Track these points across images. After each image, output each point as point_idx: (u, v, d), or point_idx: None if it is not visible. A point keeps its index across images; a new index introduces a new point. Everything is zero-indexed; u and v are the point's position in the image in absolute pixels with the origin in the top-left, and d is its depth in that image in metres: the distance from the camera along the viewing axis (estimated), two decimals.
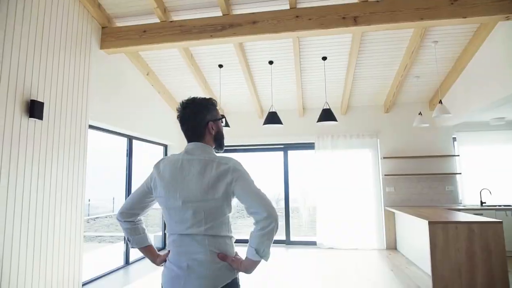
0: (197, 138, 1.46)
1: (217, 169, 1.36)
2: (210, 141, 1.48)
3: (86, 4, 3.92)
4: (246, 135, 6.69)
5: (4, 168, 2.89)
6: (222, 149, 1.56)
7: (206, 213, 1.34)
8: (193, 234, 1.35)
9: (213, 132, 1.48)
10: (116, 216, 1.54)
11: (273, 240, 1.33)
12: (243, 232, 11.21)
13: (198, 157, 1.40)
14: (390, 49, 4.76)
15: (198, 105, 1.46)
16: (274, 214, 1.30)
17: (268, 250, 1.33)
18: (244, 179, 1.36)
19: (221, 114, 1.57)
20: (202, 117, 1.45)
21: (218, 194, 1.33)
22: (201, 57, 5.11)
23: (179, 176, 1.38)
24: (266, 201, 1.32)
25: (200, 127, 1.45)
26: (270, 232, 1.30)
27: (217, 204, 1.34)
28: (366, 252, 5.85)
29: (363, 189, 6.22)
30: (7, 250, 2.89)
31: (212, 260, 1.33)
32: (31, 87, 3.21)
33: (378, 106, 6.36)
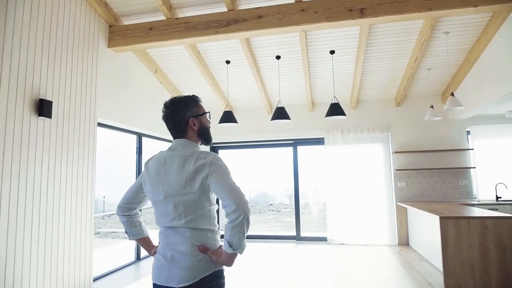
0: (180, 135, 1.52)
1: (195, 164, 1.40)
2: (194, 137, 1.53)
3: (93, 3, 3.96)
4: (255, 131, 6.67)
5: (14, 166, 2.96)
6: (209, 143, 1.61)
7: (185, 206, 1.40)
8: (175, 226, 1.41)
9: (195, 128, 1.53)
10: (116, 211, 1.64)
11: (246, 233, 1.35)
12: (254, 227, 11.25)
13: (179, 152, 1.46)
14: (399, 41, 4.66)
15: (177, 104, 1.52)
16: (243, 207, 1.31)
17: (240, 243, 1.34)
18: (219, 173, 1.39)
19: (206, 110, 1.59)
20: (182, 115, 1.50)
21: (195, 187, 1.38)
22: (208, 53, 5.11)
23: (162, 172, 1.45)
24: (236, 194, 1.34)
25: (181, 124, 1.51)
26: (239, 224, 1.31)
27: (194, 197, 1.39)
28: (377, 248, 5.78)
29: (374, 184, 6.13)
30: (19, 247, 2.97)
31: (193, 252, 1.39)
32: (39, 86, 3.27)
33: (389, 99, 6.25)
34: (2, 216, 2.83)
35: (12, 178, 2.94)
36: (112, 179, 6.77)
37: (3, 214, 2.84)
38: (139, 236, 1.64)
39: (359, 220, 6.09)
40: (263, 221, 12.11)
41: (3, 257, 2.82)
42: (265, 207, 16.25)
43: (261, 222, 11.88)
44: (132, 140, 5.38)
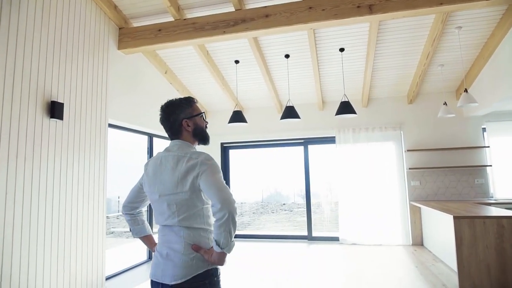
0: (176, 136, 1.57)
1: (187, 164, 1.44)
2: (189, 138, 1.58)
3: (102, 6, 4.02)
4: (265, 131, 6.66)
5: (27, 167, 3.03)
6: (206, 142, 1.64)
7: (178, 205, 1.44)
8: (170, 225, 1.46)
9: (190, 128, 1.57)
10: (121, 210, 1.72)
11: (233, 232, 1.36)
12: (266, 227, 11.24)
13: (173, 153, 1.51)
14: (410, 37, 4.57)
15: (171, 106, 1.58)
16: (227, 206, 1.33)
17: (226, 241, 1.36)
18: (209, 173, 1.41)
19: (201, 111, 1.63)
20: (175, 117, 1.56)
21: (186, 187, 1.42)
22: (217, 53, 5.12)
23: (158, 172, 1.51)
24: (222, 193, 1.35)
25: (175, 125, 1.56)
26: (225, 223, 1.33)
27: (186, 196, 1.42)
28: (390, 248, 5.68)
29: (386, 183, 6.04)
30: (32, 246, 3.03)
31: (186, 251, 1.42)
32: (51, 88, 3.33)
33: (401, 97, 6.14)
34: (15, 215, 2.90)
35: (26, 179, 3.01)
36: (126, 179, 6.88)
37: (16, 214, 2.91)
38: (141, 234, 1.70)
39: (372, 220, 6.01)
40: (275, 220, 12.08)
41: (17, 257, 2.88)
42: (278, 207, 16.21)
43: (274, 222, 11.86)
44: (144, 141, 5.45)
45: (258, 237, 6.87)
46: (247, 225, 11.59)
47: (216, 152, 6.93)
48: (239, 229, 10.82)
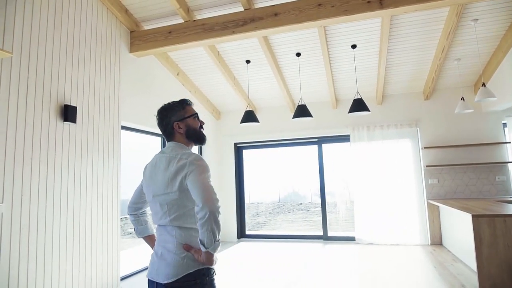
0: (170, 138, 1.63)
1: (177, 164, 1.47)
2: (182, 139, 1.62)
3: (114, 10, 4.08)
4: (279, 130, 6.63)
5: (42, 170, 3.11)
6: (202, 143, 1.67)
7: (168, 205, 1.47)
8: (164, 225, 1.50)
9: (182, 130, 1.61)
10: (127, 211, 1.79)
11: (216, 232, 1.36)
12: (282, 227, 11.19)
13: (167, 154, 1.56)
14: (424, 32, 4.45)
15: (164, 110, 1.63)
16: (209, 204, 1.34)
17: (210, 241, 1.36)
18: (196, 173, 1.43)
19: (192, 112, 1.66)
20: (167, 120, 1.61)
21: (175, 187, 1.45)
22: (228, 54, 5.13)
23: (153, 173, 1.56)
24: (205, 192, 1.37)
25: (168, 128, 1.61)
26: (206, 222, 1.34)
27: (175, 196, 1.45)
28: (408, 248, 5.55)
29: (403, 182, 5.90)
30: (48, 247, 3.11)
31: (178, 250, 1.44)
32: (64, 92, 3.41)
33: (417, 93, 6.00)
34: (31, 217, 2.98)
35: (40, 181, 3.09)
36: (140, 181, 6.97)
37: (32, 216, 2.99)
38: (144, 234, 1.76)
39: (389, 219, 5.89)
40: (292, 220, 12.02)
41: (33, 258, 2.96)
42: (294, 207, 16.13)
43: (290, 222, 11.79)
44: (157, 142, 5.51)
45: (273, 237, 6.84)
46: (262, 225, 11.58)
47: (229, 152, 6.95)
48: (255, 229, 10.82)
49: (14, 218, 2.86)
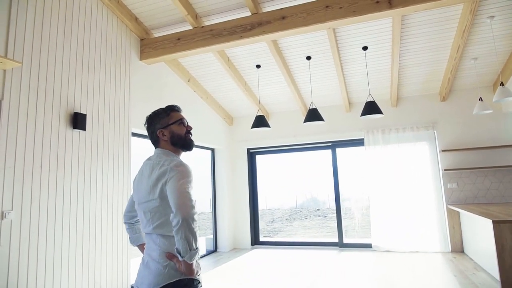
0: (156, 145, 1.63)
1: (158, 171, 1.45)
2: (167, 146, 1.60)
3: (123, 19, 4.13)
4: (292, 135, 6.55)
5: (51, 178, 3.14)
6: (188, 149, 1.65)
7: (151, 213, 1.44)
8: (149, 233, 1.48)
9: (166, 138, 1.59)
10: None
11: (192, 240, 1.30)
12: (298, 234, 11.03)
13: (151, 161, 1.55)
14: (437, 31, 4.31)
15: (150, 118, 1.65)
16: (181, 211, 1.29)
17: (185, 250, 1.30)
18: (175, 179, 1.38)
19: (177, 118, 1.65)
20: (152, 128, 1.62)
21: (156, 194, 1.42)
22: (238, 59, 5.11)
23: (139, 181, 1.56)
24: (179, 199, 1.32)
25: (153, 136, 1.62)
26: (180, 230, 1.28)
27: (156, 204, 1.42)
28: (427, 255, 5.34)
29: (421, 186, 5.70)
30: (57, 255, 3.13)
31: (161, 259, 1.41)
32: (74, 100, 3.46)
33: (433, 94, 5.81)
34: (40, 225, 3.01)
35: (50, 189, 3.12)
36: None
37: (41, 223, 3.02)
38: (138, 242, 1.74)
39: (407, 225, 5.69)
40: (308, 227, 11.84)
41: (42, 265, 2.98)
42: (312, 213, 15.91)
43: (306, 228, 11.62)
44: None
45: (287, 244, 6.73)
46: (278, 231, 11.45)
47: (242, 158, 6.91)
48: (270, 236, 10.70)
49: (24, 225, 2.89)
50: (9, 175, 2.82)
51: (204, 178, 6.73)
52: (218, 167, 6.73)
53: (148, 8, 4.09)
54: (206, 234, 7.05)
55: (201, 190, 6.71)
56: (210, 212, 6.77)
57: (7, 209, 2.78)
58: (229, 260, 5.68)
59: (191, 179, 1.42)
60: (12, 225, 2.81)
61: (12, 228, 2.81)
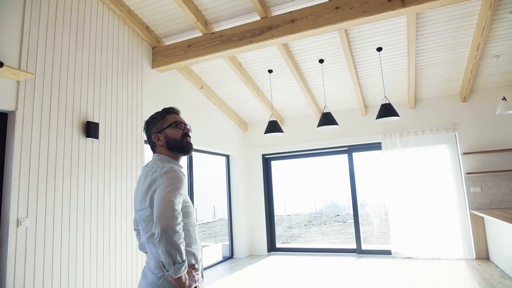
0: (153, 150, 1.59)
1: (150, 178, 1.40)
2: (163, 151, 1.54)
3: (135, 28, 4.19)
4: (307, 140, 6.45)
5: (65, 186, 3.19)
6: (184, 153, 1.59)
7: (145, 222, 1.40)
8: (146, 242, 1.45)
9: (161, 142, 1.54)
10: None
11: (174, 252, 1.23)
12: (317, 240, 10.84)
13: (147, 167, 1.50)
14: (455, 29, 4.15)
15: (146, 123, 1.60)
16: (161, 222, 1.23)
17: (169, 263, 1.23)
18: (162, 187, 1.32)
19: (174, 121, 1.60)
20: (149, 134, 1.58)
21: (147, 203, 1.37)
22: (249, 64, 5.09)
23: (137, 188, 1.52)
24: (161, 209, 1.26)
25: (150, 141, 1.58)
26: (160, 243, 1.23)
27: (148, 212, 1.37)
28: (450, 262, 5.11)
29: (442, 191, 5.48)
30: (72, 261, 3.16)
31: (155, 269, 1.36)
32: (86, 109, 3.51)
33: (453, 95, 5.60)
34: (55, 232, 3.05)
35: (64, 197, 3.17)
36: None
37: (56, 230, 3.06)
38: (146, 250, 1.67)
39: (428, 231, 5.47)
40: (327, 233, 11.63)
41: (57, 272, 3.02)
42: (331, 218, 15.66)
43: (325, 234, 11.42)
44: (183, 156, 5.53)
45: (304, 251, 6.60)
46: (296, 237, 11.30)
47: (257, 164, 6.86)
48: (287, 242, 10.57)
49: (39, 232, 2.94)
50: (24, 183, 2.87)
51: (220, 184, 6.72)
52: (233, 173, 6.70)
53: (159, 16, 4.14)
54: (222, 240, 7.02)
55: (217, 197, 6.69)
56: (226, 219, 6.74)
57: (22, 217, 2.84)
58: (245, 266, 5.62)
59: (180, 186, 1.35)
60: (27, 232, 2.86)
61: (27, 235, 2.86)
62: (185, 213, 1.44)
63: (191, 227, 1.47)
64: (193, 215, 1.51)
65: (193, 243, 1.45)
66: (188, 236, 1.43)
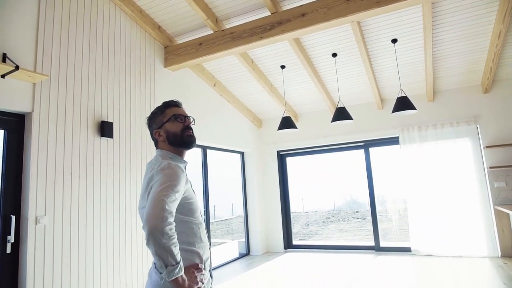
0: (156, 147, 1.56)
1: (149, 175, 1.38)
2: (165, 146, 1.51)
3: (147, 28, 4.23)
4: (322, 135, 6.37)
5: (81, 184, 3.26)
6: (186, 147, 1.53)
7: None
8: None
9: (162, 138, 1.51)
10: None
11: (163, 254, 1.18)
12: (335, 237, 10.72)
13: (149, 164, 1.48)
14: (473, 17, 3.98)
15: (148, 120, 1.58)
16: (148, 223, 1.18)
17: (160, 266, 1.19)
18: (157, 185, 1.28)
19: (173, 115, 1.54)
20: (151, 130, 1.56)
21: (146, 201, 1.33)
22: (261, 61, 5.06)
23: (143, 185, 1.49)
24: (150, 208, 1.21)
25: (152, 138, 1.56)
26: (149, 244, 1.18)
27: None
28: (473, 260, 4.94)
29: (463, 186, 5.29)
30: (89, 258, 3.24)
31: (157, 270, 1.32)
32: (101, 109, 3.58)
33: (474, 86, 5.39)
34: (72, 229, 3.13)
35: (80, 195, 3.25)
36: None
37: (73, 228, 3.13)
38: None
39: (449, 228, 5.30)
40: (346, 229, 11.49)
41: (75, 267, 3.09)
42: (350, 215, 15.45)
43: (344, 231, 11.28)
44: (198, 154, 5.58)
45: (321, 248, 6.53)
46: (314, 234, 11.22)
47: (272, 161, 6.83)
48: (305, 239, 10.51)
49: (56, 229, 3.02)
50: (41, 182, 2.96)
51: (237, 181, 6.73)
52: (248, 170, 6.70)
53: (170, 15, 4.16)
54: (239, 237, 7.04)
55: (234, 194, 6.71)
56: (242, 216, 6.75)
57: (40, 215, 2.92)
58: (261, 263, 5.61)
59: (176, 183, 1.30)
60: (45, 229, 2.94)
61: (45, 233, 2.94)
62: (188, 210, 1.40)
63: (195, 225, 1.42)
64: (197, 212, 1.46)
65: (197, 242, 1.41)
66: (191, 235, 1.40)
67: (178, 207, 1.34)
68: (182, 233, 1.37)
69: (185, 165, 1.54)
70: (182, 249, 1.35)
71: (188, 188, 1.44)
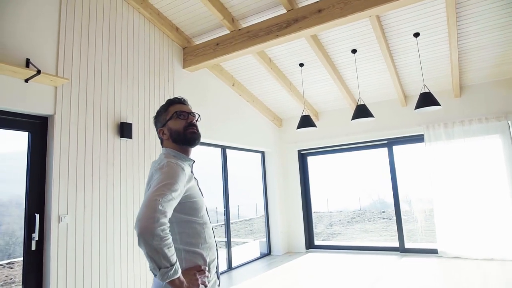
0: (162, 145, 1.54)
1: (150, 174, 1.37)
2: (169, 144, 1.49)
3: (165, 30, 4.30)
4: (343, 134, 6.24)
5: (102, 184, 3.35)
6: (189, 145, 1.49)
7: None
8: None
9: (166, 136, 1.49)
10: None
11: (154, 256, 1.14)
12: (359, 237, 10.50)
13: (152, 163, 1.46)
14: (502, 6, 3.77)
15: (154, 119, 1.57)
16: (139, 225, 1.14)
17: (153, 268, 1.16)
18: (154, 184, 1.26)
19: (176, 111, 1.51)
20: (156, 128, 1.55)
21: None
22: (280, 59, 5.02)
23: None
24: (143, 209, 1.18)
25: (159, 136, 1.55)
26: (140, 245, 1.15)
27: None
28: (505, 263, 4.68)
29: (494, 185, 5.02)
30: (110, 256, 3.33)
31: None
32: (120, 111, 3.67)
33: (505, 80, 5.11)
34: (93, 227, 3.22)
35: (101, 194, 3.34)
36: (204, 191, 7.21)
37: (94, 226, 3.23)
38: None
39: (479, 229, 5.05)
40: (370, 230, 11.23)
41: (96, 265, 3.19)
42: (376, 215, 15.09)
43: (368, 232, 11.03)
44: (217, 153, 5.62)
45: (343, 248, 6.40)
46: (338, 234, 11.03)
47: (293, 160, 6.77)
48: (328, 239, 10.35)
49: (78, 227, 3.12)
50: (63, 182, 3.06)
51: (255, 180, 6.72)
52: (269, 169, 6.68)
53: (187, 17, 4.21)
54: (259, 237, 7.03)
55: (257, 194, 6.71)
56: (263, 216, 6.73)
57: (63, 213, 3.03)
58: (282, 263, 5.58)
59: (174, 182, 1.26)
60: (68, 228, 3.05)
61: (68, 231, 3.05)
62: (191, 209, 1.36)
63: (199, 225, 1.38)
64: (202, 211, 1.41)
65: (201, 243, 1.36)
66: (194, 235, 1.36)
67: (179, 207, 1.31)
68: (183, 233, 1.34)
69: (190, 163, 1.50)
70: (184, 250, 1.33)
71: (192, 186, 1.41)
